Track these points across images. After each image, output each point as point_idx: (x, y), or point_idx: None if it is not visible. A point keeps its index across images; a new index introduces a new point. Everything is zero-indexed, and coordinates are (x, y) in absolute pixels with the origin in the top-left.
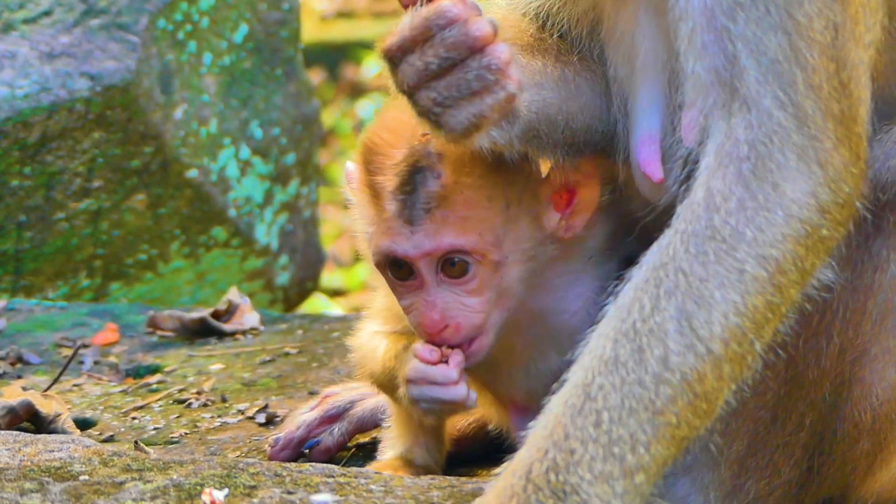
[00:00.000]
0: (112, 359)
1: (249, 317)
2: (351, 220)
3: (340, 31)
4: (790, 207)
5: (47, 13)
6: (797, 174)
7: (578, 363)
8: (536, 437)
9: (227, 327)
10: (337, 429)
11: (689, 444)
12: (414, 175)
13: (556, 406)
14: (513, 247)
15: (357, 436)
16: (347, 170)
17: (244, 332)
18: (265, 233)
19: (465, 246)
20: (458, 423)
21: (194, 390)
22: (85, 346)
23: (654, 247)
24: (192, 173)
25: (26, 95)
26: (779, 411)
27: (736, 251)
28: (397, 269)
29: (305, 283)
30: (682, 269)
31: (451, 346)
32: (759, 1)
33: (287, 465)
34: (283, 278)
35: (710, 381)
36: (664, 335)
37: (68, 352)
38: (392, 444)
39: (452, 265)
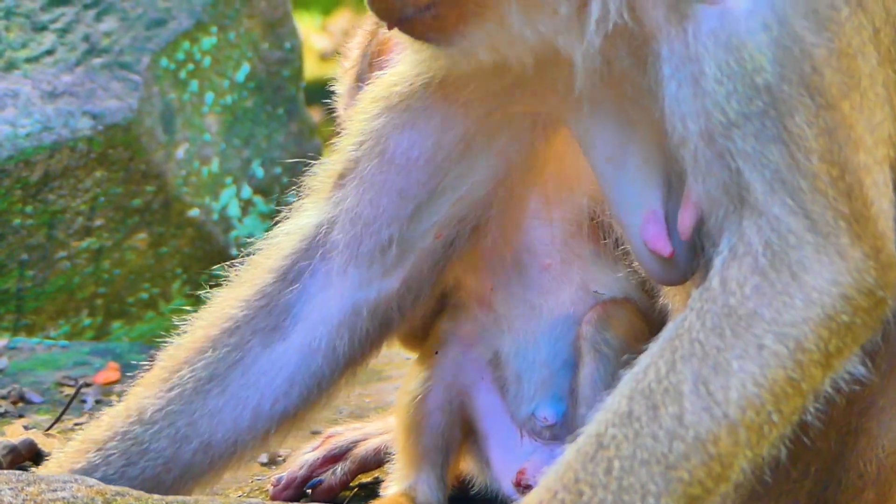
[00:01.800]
0: (114, 398)
1: None
2: None
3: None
4: (810, 294)
5: (50, 52)
6: (817, 265)
7: (594, 417)
8: (548, 480)
9: None
10: (339, 468)
11: None
12: None
13: (570, 454)
14: None
15: (360, 475)
16: None
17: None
18: None
19: None
20: (461, 461)
21: None
22: (87, 385)
23: (670, 324)
24: (194, 212)
25: (28, 134)
26: (784, 459)
27: (753, 328)
28: None
29: None
30: (698, 340)
31: None
32: (753, 117)
33: None
34: None
35: (725, 445)
36: (679, 395)
37: (70, 391)
38: (397, 480)
39: None
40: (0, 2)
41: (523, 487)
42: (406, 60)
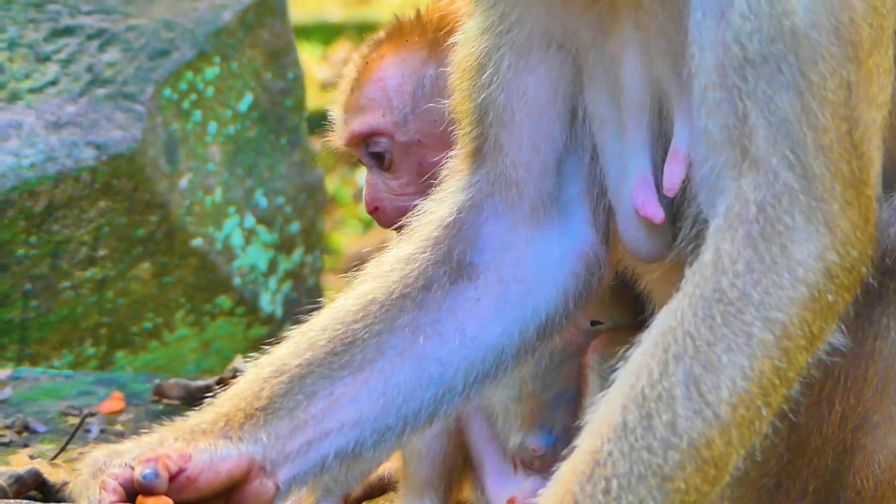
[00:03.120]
0: (118, 427)
1: None
2: None
3: None
4: (797, 270)
5: (53, 83)
6: (805, 236)
7: (587, 429)
8: (545, 502)
9: None
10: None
11: None
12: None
13: (565, 473)
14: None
15: (364, 502)
16: None
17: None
18: (270, 301)
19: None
20: (463, 487)
21: None
22: (91, 414)
23: (663, 310)
24: (198, 242)
25: (32, 165)
26: (782, 478)
27: (743, 314)
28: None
29: None
30: (689, 333)
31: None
32: (771, 59)
33: None
34: None
35: (719, 447)
36: (672, 400)
37: (74, 420)
38: None
39: (377, 153)
40: (3, 33)
41: None
42: (470, 23)
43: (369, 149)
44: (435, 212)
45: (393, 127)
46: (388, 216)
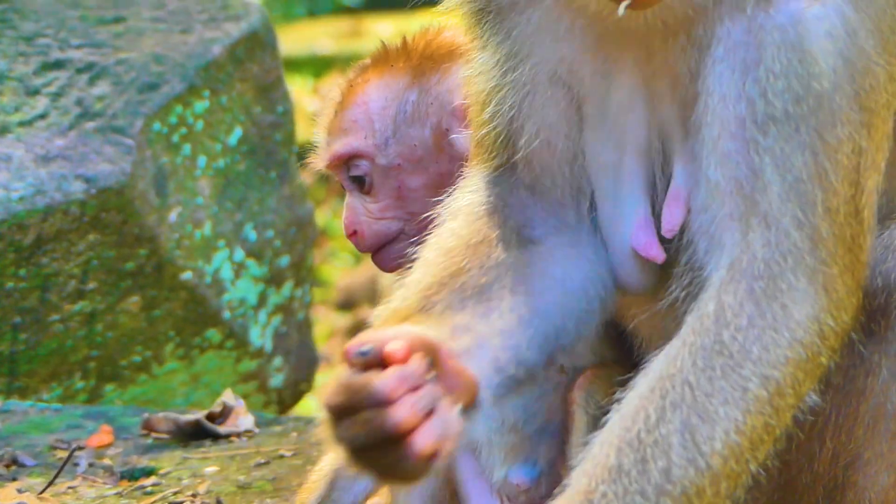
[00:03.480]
0: (107, 461)
1: (244, 419)
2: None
3: None
4: (795, 331)
5: (43, 116)
6: (805, 297)
7: (581, 469)
8: None
9: (221, 429)
10: None
11: None
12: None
13: None
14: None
15: None
16: None
17: (239, 435)
18: (259, 335)
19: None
20: None
21: (189, 493)
22: (80, 448)
23: (661, 356)
24: (187, 275)
25: (22, 198)
26: None
27: (742, 368)
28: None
29: (299, 385)
30: (688, 382)
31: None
32: (791, 118)
33: None
34: (277, 380)
35: (708, 497)
36: (668, 447)
37: (63, 454)
38: None
39: (357, 176)
40: None
41: None
42: (477, 60)
43: (350, 172)
44: (482, 193)
45: (374, 150)
46: (365, 240)
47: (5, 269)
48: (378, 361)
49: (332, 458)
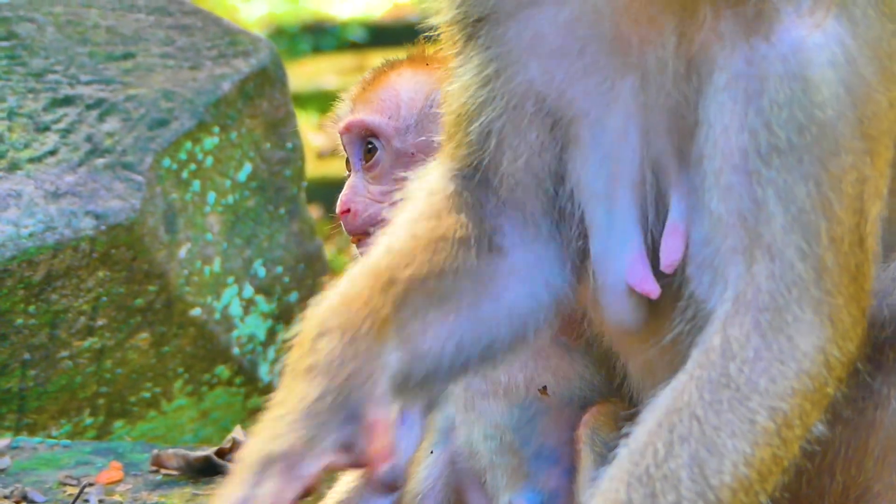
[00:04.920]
0: (117, 497)
1: None
2: None
3: (338, 168)
4: (802, 362)
5: (52, 153)
6: (811, 328)
7: None
8: None
9: (231, 466)
10: None
11: None
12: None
13: None
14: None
15: None
16: None
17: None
18: (268, 371)
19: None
20: None
21: None
22: (90, 484)
23: (668, 390)
24: (196, 312)
25: (31, 234)
26: None
27: (749, 401)
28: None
29: None
30: (696, 416)
31: (352, 235)
32: (794, 149)
33: None
34: None
35: None
36: (677, 482)
37: (73, 490)
38: None
39: (369, 151)
40: (2, 102)
41: None
42: (461, 72)
43: (365, 146)
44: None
45: (393, 132)
46: (356, 219)
47: (15, 306)
48: None
49: (345, 483)
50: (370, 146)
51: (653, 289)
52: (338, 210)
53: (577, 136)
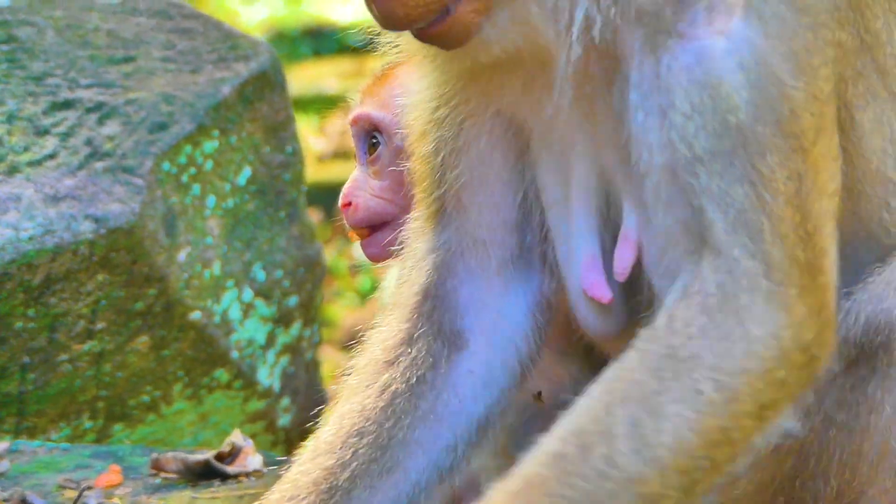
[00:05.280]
0: (116, 500)
1: (253, 459)
2: None
3: (337, 172)
4: (752, 344)
5: (52, 156)
6: (763, 314)
7: (525, 459)
8: None
9: (230, 469)
10: None
11: None
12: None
13: (496, 492)
14: None
15: None
16: None
17: (248, 475)
18: (267, 374)
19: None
20: None
21: None
22: (89, 488)
23: (613, 364)
24: (196, 315)
25: (31, 238)
26: None
27: (693, 372)
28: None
29: (307, 425)
30: (636, 381)
31: (353, 229)
32: (721, 154)
33: None
34: (285, 420)
35: (654, 486)
36: (612, 437)
37: (72, 494)
38: None
39: (373, 145)
40: (2, 106)
41: None
42: (421, 85)
43: (369, 140)
44: (416, 281)
45: (395, 128)
46: (357, 213)
47: (14, 309)
48: None
49: None
50: (374, 140)
51: (604, 294)
52: (340, 203)
53: (535, 146)
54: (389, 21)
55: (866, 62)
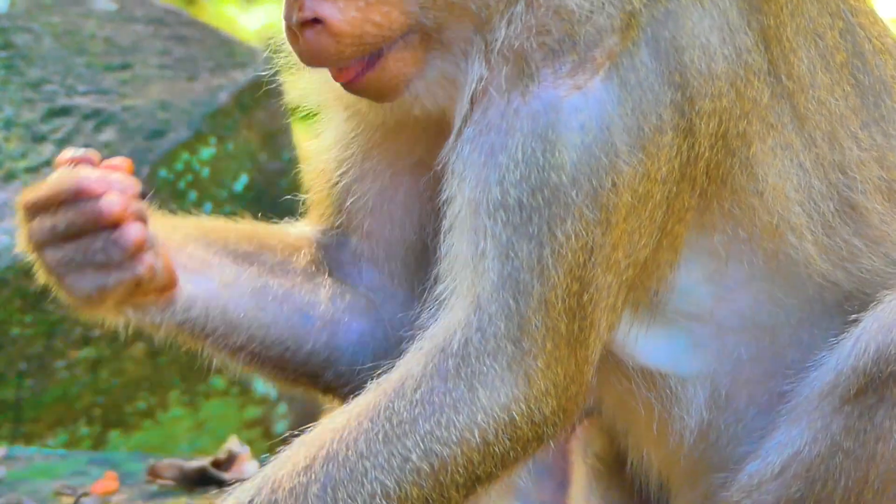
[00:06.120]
0: None
1: (249, 465)
2: None
3: None
4: (476, 415)
5: (49, 163)
6: (499, 383)
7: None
8: None
9: (227, 476)
10: None
11: None
12: None
13: None
14: None
15: None
16: None
17: (244, 481)
18: (264, 381)
19: None
20: None
21: None
22: (85, 494)
23: (335, 414)
24: None
25: None
26: None
27: (406, 439)
28: None
29: (304, 431)
30: (346, 441)
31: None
32: (524, 208)
33: None
34: (281, 426)
35: None
36: (304, 498)
37: (68, 500)
38: None
39: None
40: None
41: None
42: (335, 121)
43: None
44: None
45: None
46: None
47: (11, 316)
48: (91, 164)
49: None
50: None
51: None
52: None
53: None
54: (318, 57)
55: (784, 111)
